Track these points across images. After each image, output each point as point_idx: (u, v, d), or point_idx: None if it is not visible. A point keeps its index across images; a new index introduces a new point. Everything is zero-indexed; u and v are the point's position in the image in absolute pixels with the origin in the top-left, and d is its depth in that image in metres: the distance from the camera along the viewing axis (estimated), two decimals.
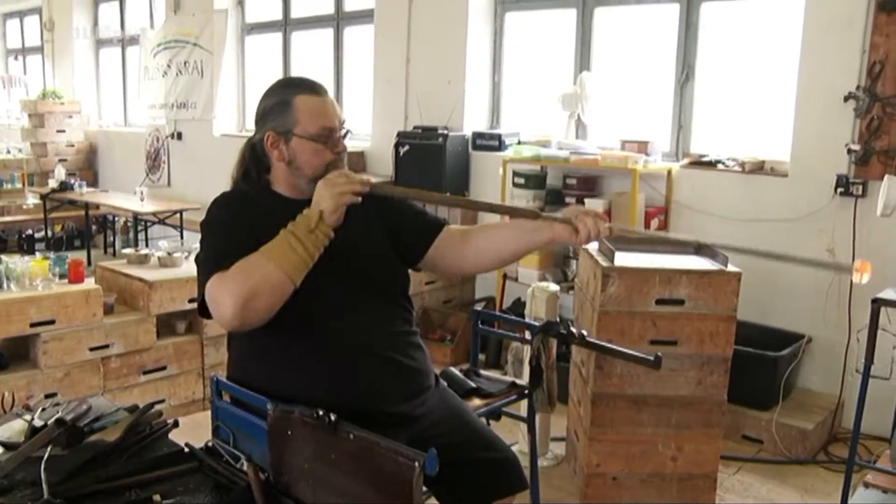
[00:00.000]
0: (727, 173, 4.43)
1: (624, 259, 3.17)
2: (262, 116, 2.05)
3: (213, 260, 1.89)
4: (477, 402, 2.53)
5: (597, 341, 2.56)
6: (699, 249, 3.39)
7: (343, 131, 2.05)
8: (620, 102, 5.10)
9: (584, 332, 2.56)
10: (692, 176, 4.58)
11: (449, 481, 1.99)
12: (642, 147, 4.62)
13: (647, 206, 4.59)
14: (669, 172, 4.64)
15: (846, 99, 3.96)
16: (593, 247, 3.42)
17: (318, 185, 1.90)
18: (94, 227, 8.71)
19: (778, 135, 4.34)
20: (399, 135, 5.56)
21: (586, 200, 4.63)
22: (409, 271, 2.20)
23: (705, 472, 3.23)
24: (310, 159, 2.00)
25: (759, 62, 4.52)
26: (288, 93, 2.02)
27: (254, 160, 2.09)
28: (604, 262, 3.14)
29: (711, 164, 4.51)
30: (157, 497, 1.89)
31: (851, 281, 4.00)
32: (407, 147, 5.46)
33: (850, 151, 3.97)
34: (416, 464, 1.61)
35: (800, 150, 4.18)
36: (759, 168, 4.38)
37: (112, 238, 8.75)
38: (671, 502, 3.24)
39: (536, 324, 2.75)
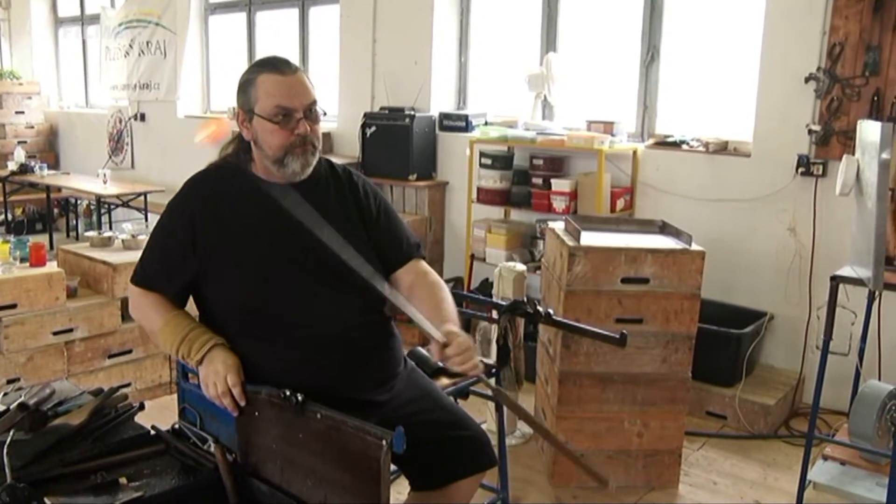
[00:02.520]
0: (691, 153, 4.47)
1: (590, 238, 3.20)
2: (236, 94, 2.05)
3: (144, 261, 2.10)
4: (445, 381, 2.53)
5: (563, 320, 2.58)
6: (663, 228, 3.43)
7: (304, 113, 1.98)
8: (586, 83, 5.10)
9: (551, 311, 2.57)
10: (657, 156, 4.61)
11: (418, 460, 2.00)
12: (608, 127, 4.64)
13: (613, 186, 4.61)
14: (635, 153, 4.67)
15: (807, 80, 4.01)
16: (559, 226, 3.44)
17: (205, 370, 1.91)
18: (55, 211, 8.56)
19: (741, 115, 4.38)
20: (366, 115, 5.52)
21: (553, 181, 4.65)
22: None
23: (670, 448, 3.28)
24: (268, 139, 1.98)
25: (722, 44, 4.55)
26: (255, 71, 2.01)
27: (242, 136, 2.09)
28: (570, 242, 3.15)
29: (676, 145, 4.54)
30: (123, 480, 1.87)
31: (812, 259, 4.07)
32: (373, 128, 5.44)
33: (810, 132, 4.02)
34: (384, 442, 1.61)
35: (762, 130, 4.23)
36: (722, 148, 4.42)
37: (75, 221, 8.61)
38: (637, 478, 3.29)
39: (503, 303, 2.75)
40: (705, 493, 3.30)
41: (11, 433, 1.94)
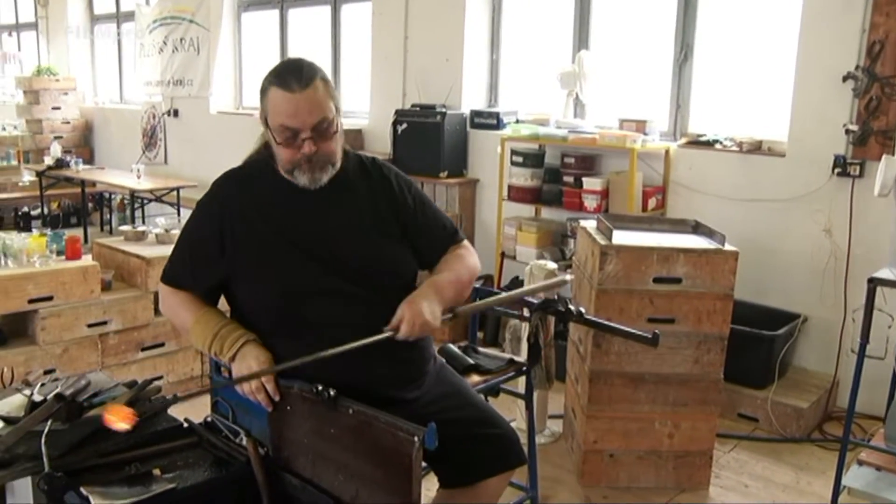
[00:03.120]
0: (725, 153, 4.42)
1: (622, 237, 3.17)
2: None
3: (173, 260, 2.10)
4: (475, 378, 2.53)
5: (595, 318, 2.56)
6: (696, 228, 3.40)
7: (311, 132, 1.90)
8: (619, 81, 5.07)
9: (583, 310, 2.55)
10: (690, 155, 4.56)
11: (448, 457, 1.99)
12: (640, 126, 4.60)
13: (645, 185, 4.58)
14: (667, 152, 4.63)
15: (845, 79, 3.95)
16: (591, 225, 3.42)
17: (238, 366, 1.91)
18: (90, 205, 8.67)
19: (776, 115, 4.32)
20: (397, 113, 5.53)
21: (584, 179, 4.63)
22: None
23: (701, 450, 3.25)
24: (278, 151, 1.97)
25: (758, 41, 4.49)
26: (270, 80, 1.95)
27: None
28: (602, 241, 3.14)
29: (709, 144, 4.50)
30: (156, 471, 1.89)
31: (848, 261, 4.01)
32: (405, 125, 5.44)
33: (847, 132, 3.96)
34: (416, 438, 1.61)
35: (798, 130, 4.17)
36: (756, 148, 4.37)
37: (108, 215, 8.71)
38: (667, 479, 3.26)
39: (535, 301, 2.74)
40: (736, 495, 3.27)
41: (49, 423, 1.97)
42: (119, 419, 1.68)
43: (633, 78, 5.05)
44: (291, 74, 1.90)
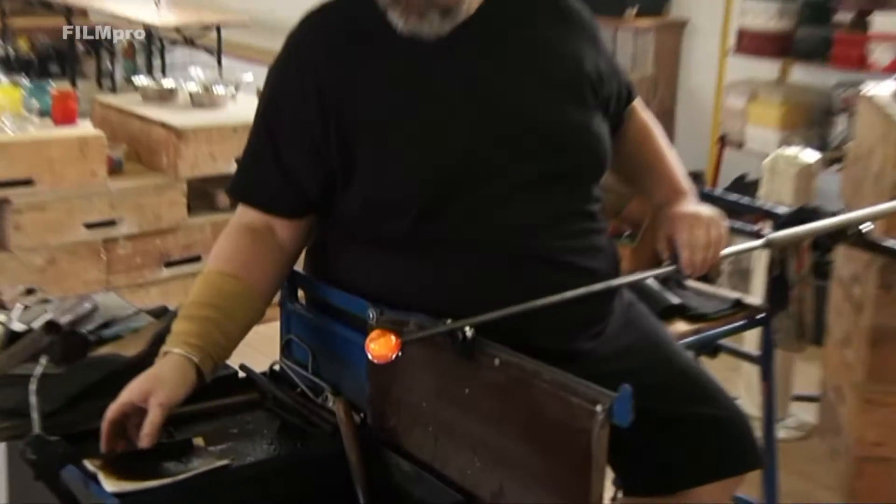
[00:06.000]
0: None
1: None
2: None
3: (246, 166, 2.13)
4: (682, 327, 2.53)
5: (887, 243, 2.51)
6: None
7: None
8: None
9: (863, 228, 2.50)
10: None
11: (636, 446, 1.97)
12: None
13: None
14: None
15: None
16: (883, 92, 3.32)
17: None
18: (80, 47, 8.91)
19: None
20: None
21: (872, 19, 4.48)
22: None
23: None
24: None
25: None
26: None
27: None
28: None
29: None
30: (199, 440, 1.93)
31: None
32: None
33: None
34: (599, 408, 1.60)
35: None
36: None
37: (109, 64, 8.94)
38: None
39: (782, 212, 2.70)
40: None
41: (41, 364, 2.00)
42: (386, 350, 1.74)
43: None
44: None
